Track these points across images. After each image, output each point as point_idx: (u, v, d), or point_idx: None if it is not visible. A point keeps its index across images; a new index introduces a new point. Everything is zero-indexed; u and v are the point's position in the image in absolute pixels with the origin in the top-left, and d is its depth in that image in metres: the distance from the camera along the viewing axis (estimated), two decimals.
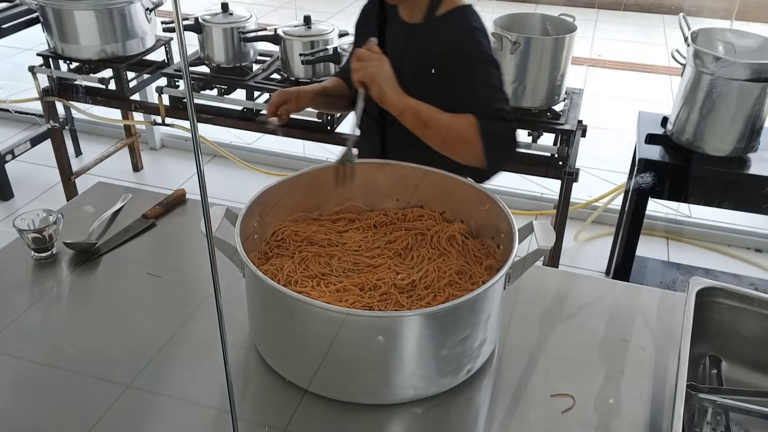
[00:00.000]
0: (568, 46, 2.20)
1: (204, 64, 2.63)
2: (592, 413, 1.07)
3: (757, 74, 1.93)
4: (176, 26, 0.59)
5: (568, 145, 2.26)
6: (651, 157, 2.13)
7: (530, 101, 2.27)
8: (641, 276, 2.61)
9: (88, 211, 1.55)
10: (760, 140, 2.08)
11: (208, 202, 0.67)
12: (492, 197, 1.24)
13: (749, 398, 1.04)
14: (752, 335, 1.16)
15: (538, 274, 1.39)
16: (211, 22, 2.51)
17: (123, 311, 1.28)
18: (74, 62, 2.73)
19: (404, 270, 1.21)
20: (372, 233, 1.32)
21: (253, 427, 1.04)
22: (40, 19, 2.71)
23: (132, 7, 2.65)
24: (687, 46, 2.07)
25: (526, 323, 1.26)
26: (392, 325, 1.00)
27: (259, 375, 1.13)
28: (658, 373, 1.15)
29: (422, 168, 1.34)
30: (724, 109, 2.00)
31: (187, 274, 1.40)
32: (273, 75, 2.58)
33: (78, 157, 3.57)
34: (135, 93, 2.80)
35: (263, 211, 1.25)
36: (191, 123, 0.64)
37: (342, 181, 1.29)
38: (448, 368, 1.08)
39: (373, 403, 1.07)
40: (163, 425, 1.05)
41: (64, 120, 3.30)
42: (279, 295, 1.01)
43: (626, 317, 1.28)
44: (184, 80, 0.73)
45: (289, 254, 1.24)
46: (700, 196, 2.13)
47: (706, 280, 1.17)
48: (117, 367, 1.13)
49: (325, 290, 1.15)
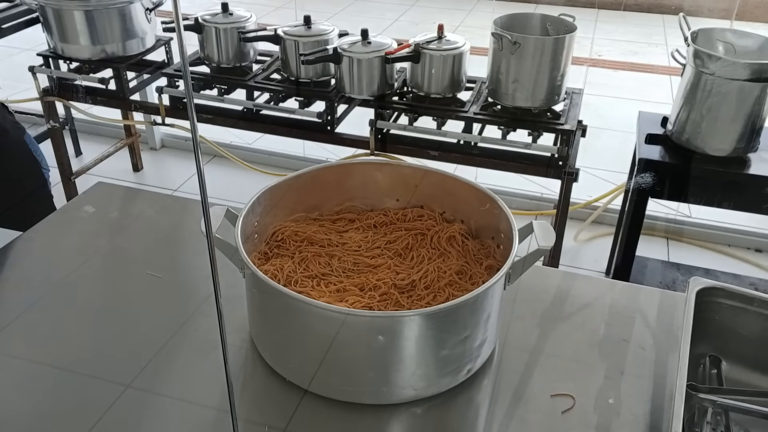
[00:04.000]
0: (568, 46, 2.20)
1: (204, 64, 2.63)
2: (592, 413, 1.07)
3: (757, 74, 1.93)
4: (176, 26, 0.59)
5: (568, 145, 2.26)
6: (651, 157, 2.13)
7: (530, 101, 2.27)
8: (641, 276, 2.61)
9: (88, 211, 1.55)
10: (760, 140, 2.08)
11: (208, 202, 0.67)
12: (492, 197, 1.24)
13: (749, 398, 1.04)
14: (752, 335, 1.16)
15: (538, 274, 1.39)
16: (211, 22, 2.51)
17: (123, 311, 1.28)
18: (74, 62, 2.73)
19: (404, 270, 1.21)
20: (372, 233, 1.32)
21: (253, 427, 1.04)
22: (40, 19, 2.70)
23: (132, 7, 2.65)
24: (687, 46, 2.07)
25: (526, 323, 1.26)
26: (392, 325, 1.00)
27: (259, 375, 1.13)
28: (658, 373, 1.15)
29: (422, 168, 1.35)
30: (724, 109, 2.00)
31: (187, 274, 1.40)
32: (273, 75, 2.58)
33: (78, 157, 3.58)
34: (135, 93, 2.80)
35: (263, 211, 1.25)
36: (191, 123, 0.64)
37: None
38: (448, 368, 1.08)
39: (373, 403, 1.07)
40: (163, 425, 1.05)
41: (64, 120, 3.29)
42: (279, 295, 1.01)
43: (626, 317, 1.28)
44: (184, 80, 0.73)
45: (289, 254, 1.24)
46: (700, 196, 2.13)
47: (706, 280, 1.17)
48: (117, 367, 1.13)
49: (325, 290, 1.15)
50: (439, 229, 1.31)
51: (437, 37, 2.34)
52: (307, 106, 2.48)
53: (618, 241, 2.57)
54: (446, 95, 2.39)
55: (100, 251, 1.42)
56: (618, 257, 2.36)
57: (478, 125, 2.36)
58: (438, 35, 2.34)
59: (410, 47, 2.33)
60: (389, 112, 2.41)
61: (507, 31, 2.18)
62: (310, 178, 1.32)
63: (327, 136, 2.50)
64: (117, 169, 3.46)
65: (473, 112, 2.34)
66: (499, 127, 2.32)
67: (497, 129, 2.33)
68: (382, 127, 2.41)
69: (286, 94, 2.53)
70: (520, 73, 2.21)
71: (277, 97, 2.54)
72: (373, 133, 2.41)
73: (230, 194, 2.52)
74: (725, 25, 2.44)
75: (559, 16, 2.31)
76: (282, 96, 2.54)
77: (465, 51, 2.34)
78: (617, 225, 2.73)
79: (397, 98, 2.44)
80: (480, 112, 2.34)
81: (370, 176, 1.36)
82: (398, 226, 1.33)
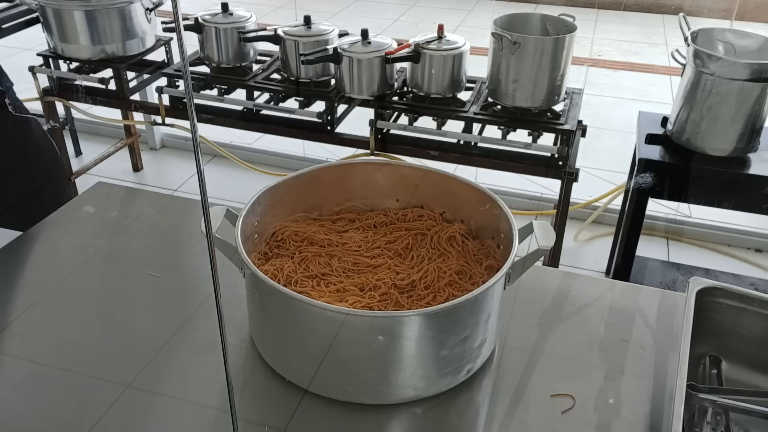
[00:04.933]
0: (568, 46, 2.20)
1: (204, 64, 2.63)
2: (592, 413, 1.07)
3: (757, 74, 1.93)
4: (176, 26, 0.59)
5: (568, 145, 2.26)
6: (651, 157, 2.13)
7: (530, 101, 2.27)
8: (641, 276, 2.61)
9: (88, 211, 1.55)
10: (760, 140, 2.08)
11: (208, 202, 0.67)
12: (492, 197, 1.24)
13: (749, 398, 1.04)
14: (752, 335, 1.16)
15: (538, 274, 1.39)
16: (211, 22, 2.51)
17: (123, 311, 1.28)
18: (74, 62, 2.73)
19: (404, 270, 1.21)
20: (372, 233, 1.32)
21: (253, 427, 1.04)
22: (40, 19, 2.70)
23: (132, 7, 2.65)
24: (687, 46, 2.07)
25: (526, 323, 1.26)
26: (392, 325, 1.00)
27: (259, 375, 1.13)
28: (658, 373, 1.15)
29: (422, 168, 1.35)
30: (724, 109, 2.00)
31: (187, 274, 1.40)
32: (273, 75, 2.58)
33: (78, 157, 3.57)
34: (135, 93, 2.80)
35: (263, 211, 1.25)
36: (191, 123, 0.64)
37: None
38: (448, 368, 1.08)
39: (373, 403, 1.07)
40: (163, 425, 1.05)
41: (64, 120, 3.30)
42: (279, 295, 1.01)
43: (626, 317, 1.28)
44: (184, 80, 0.73)
45: (289, 254, 1.24)
46: (700, 196, 2.13)
47: (706, 280, 1.17)
48: (117, 367, 1.13)
49: (325, 290, 1.15)
50: (439, 229, 1.31)
51: (437, 37, 2.34)
52: (307, 106, 2.48)
53: (618, 241, 2.57)
54: (446, 95, 2.39)
55: (100, 251, 1.42)
56: (618, 257, 2.36)
57: (478, 125, 2.36)
58: (438, 35, 2.35)
59: (410, 47, 2.33)
60: (389, 112, 2.41)
61: (507, 31, 2.18)
62: (310, 178, 1.32)
63: (327, 136, 2.50)
64: (117, 169, 3.45)
65: (473, 112, 2.34)
66: (499, 127, 2.32)
67: (497, 129, 2.33)
68: (382, 127, 2.41)
69: (286, 94, 2.53)
70: (520, 73, 2.21)
71: (277, 97, 2.54)
72: (373, 133, 2.41)
73: (230, 194, 2.52)
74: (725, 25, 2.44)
75: (559, 16, 2.31)
76: (282, 96, 2.54)
77: (465, 51, 2.34)
78: (617, 225, 2.73)
79: (397, 98, 2.44)
80: (480, 112, 2.35)
81: (370, 176, 1.36)
82: (398, 226, 1.33)
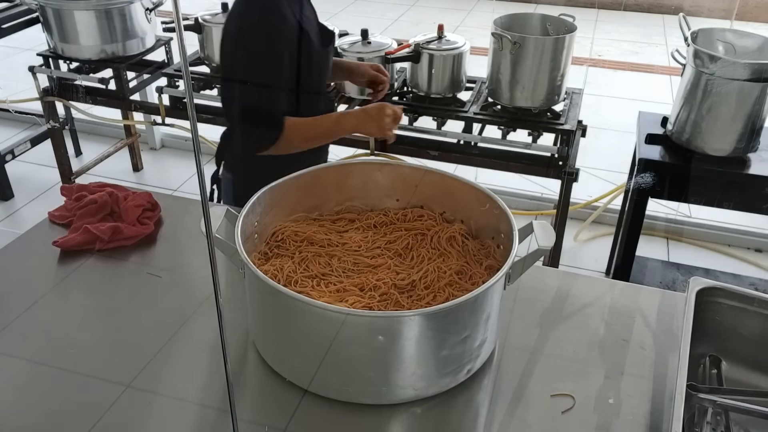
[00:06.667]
0: (568, 46, 2.20)
1: (204, 64, 2.63)
2: (592, 413, 1.07)
3: (757, 74, 1.93)
4: (176, 26, 0.59)
5: (568, 145, 2.26)
6: (651, 157, 2.13)
7: (530, 101, 2.27)
8: (641, 276, 2.61)
9: None
10: (760, 140, 2.08)
11: (208, 202, 0.67)
12: (492, 197, 1.24)
13: (749, 398, 1.04)
14: (752, 335, 1.16)
15: (538, 274, 1.39)
16: (211, 22, 2.51)
17: (123, 311, 1.28)
18: (74, 62, 2.73)
19: (404, 270, 1.21)
20: (372, 233, 1.32)
21: (253, 427, 1.04)
22: (40, 19, 2.71)
23: (132, 7, 2.66)
24: (687, 46, 2.07)
25: (526, 323, 1.26)
26: (392, 325, 1.00)
27: (259, 375, 1.13)
28: (658, 373, 1.15)
29: (422, 168, 1.35)
30: (724, 109, 2.00)
31: (187, 274, 1.40)
32: None
33: (78, 157, 3.58)
34: (135, 93, 2.80)
35: (263, 211, 1.25)
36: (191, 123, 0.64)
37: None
38: (448, 368, 1.08)
39: (373, 403, 1.07)
40: (163, 425, 1.05)
41: (64, 120, 3.29)
42: (279, 295, 1.01)
43: (626, 317, 1.28)
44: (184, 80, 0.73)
45: (289, 254, 1.24)
46: (700, 196, 2.13)
47: (706, 280, 1.17)
48: (117, 367, 1.13)
49: (325, 290, 1.15)
50: (439, 229, 1.31)
51: (437, 37, 2.34)
52: None
53: (618, 241, 2.57)
54: (446, 95, 2.39)
55: (101, 251, 1.42)
56: (618, 257, 2.36)
57: (478, 125, 2.36)
58: (438, 35, 2.35)
59: (410, 47, 2.33)
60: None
61: (507, 31, 2.18)
62: (310, 178, 1.32)
63: None
64: (117, 169, 3.45)
65: (473, 112, 2.34)
66: (499, 127, 2.32)
67: (497, 129, 2.33)
68: None
69: None
70: (520, 73, 2.21)
71: None
72: None
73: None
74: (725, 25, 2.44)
75: (559, 16, 2.31)
76: None
77: (465, 51, 2.34)
78: (617, 225, 2.73)
79: (397, 98, 2.44)
80: (480, 112, 2.34)
81: (370, 176, 1.36)
82: (398, 226, 1.33)
